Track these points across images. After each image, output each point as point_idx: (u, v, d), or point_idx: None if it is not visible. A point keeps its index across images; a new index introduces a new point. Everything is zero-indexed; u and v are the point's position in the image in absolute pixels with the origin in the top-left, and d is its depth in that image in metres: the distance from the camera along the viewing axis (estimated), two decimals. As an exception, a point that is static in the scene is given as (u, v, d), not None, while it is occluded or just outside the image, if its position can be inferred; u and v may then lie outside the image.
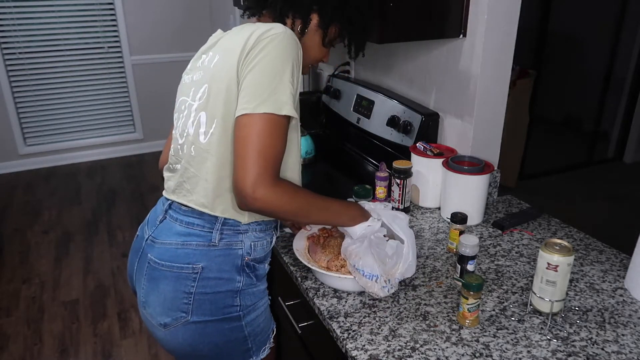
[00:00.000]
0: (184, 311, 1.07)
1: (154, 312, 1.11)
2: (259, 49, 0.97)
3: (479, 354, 0.94)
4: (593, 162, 4.40)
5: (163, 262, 1.08)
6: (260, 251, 1.13)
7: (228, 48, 1.03)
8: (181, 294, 1.06)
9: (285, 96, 0.96)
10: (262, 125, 0.94)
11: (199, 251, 1.06)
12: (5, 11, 3.85)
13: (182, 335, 1.09)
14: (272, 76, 0.96)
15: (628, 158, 4.41)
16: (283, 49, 0.97)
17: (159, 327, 1.10)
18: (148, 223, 1.17)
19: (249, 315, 1.12)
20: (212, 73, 1.04)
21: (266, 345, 1.20)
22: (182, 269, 1.06)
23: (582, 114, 4.40)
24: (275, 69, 0.96)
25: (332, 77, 2.14)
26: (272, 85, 0.95)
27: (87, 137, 4.44)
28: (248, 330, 1.13)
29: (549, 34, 3.82)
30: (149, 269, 1.10)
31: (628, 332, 1.00)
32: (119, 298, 2.65)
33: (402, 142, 1.65)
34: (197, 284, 1.06)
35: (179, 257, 1.06)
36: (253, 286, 1.13)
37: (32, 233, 3.29)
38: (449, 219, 1.30)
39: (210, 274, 1.06)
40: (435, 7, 1.41)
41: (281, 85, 0.96)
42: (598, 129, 4.42)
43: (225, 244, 1.07)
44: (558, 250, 1.01)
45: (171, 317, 1.08)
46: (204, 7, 4.38)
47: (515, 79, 3.45)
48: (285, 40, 0.98)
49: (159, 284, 1.09)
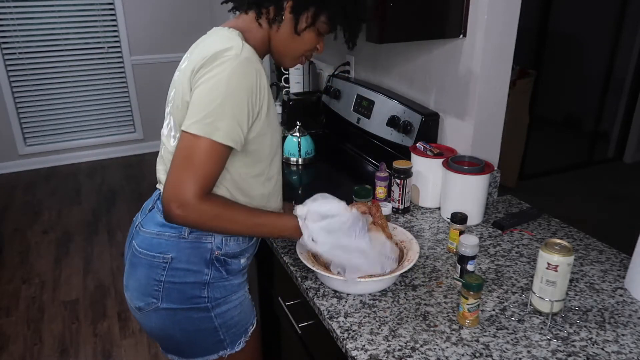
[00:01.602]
0: (154, 297, 1.12)
1: (131, 296, 1.17)
2: (209, 68, 0.96)
3: (479, 354, 0.94)
4: (593, 162, 4.40)
5: (141, 249, 1.13)
6: (234, 247, 1.15)
7: (191, 58, 1.03)
8: (152, 281, 1.12)
9: (224, 122, 0.95)
10: (195, 146, 0.95)
11: (170, 242, 1.10)
12: (5, 11, 3.85)
13: (154, 319, 1.15)
14: (211, 99, 0.95)
15: (628, 158, 4.41)
16: (229, 76, 0.95)
17: (135, 310, 1.17)
18: (142, 210, 1.22)
19: (218, 308, 1.15)
20: (178, 78, 1.06)
21: (241, 339, 1.22)
22: (155, 258, 1.11)
23: (582, 114, 4.40)
24: (216, 94, 0.95)
25: (332, 77, 2.14)
26: (209, 109, 0.94)
27: (87, 137, 4.44)
28: (219, 322, 1.16)
29: (549, 34, 3.82)
30: (131, 255, 1.17)
31: (628, 332, 1.00)
32: (119, 298, 2.65)
33: (402, 142, 1.65)
34: (167, 272, 1.10)
35: (153, 246, 1.11)
36: (224, 280, 1.15)
37: (32, 233, 3.29)
38: (449, 219, 1.30)
39: (179, 265, 1.10)
40: (435, 7, 1.41)
41: (220, 110, 0.94)
42: (598, 129, 4.42)
43: (194, 237, 1.10)
44: (558, 250, 1.01)
45: (144, 302, 1.14)
46: (204, 7, 4.38)
47: (515, 79, 3.45)
48: (235, 67, 0.95)
49: (136, 269, 1.14)
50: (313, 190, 1.13)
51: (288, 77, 2.38)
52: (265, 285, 1.60)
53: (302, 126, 1.89)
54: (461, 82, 1.51)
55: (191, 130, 0.95)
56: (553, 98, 4.00)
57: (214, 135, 0.94)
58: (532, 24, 3.78)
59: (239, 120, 0.97)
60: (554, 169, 4.14)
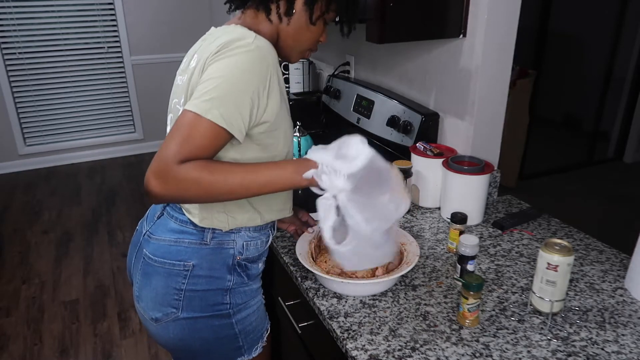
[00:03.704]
0: (174, 307, 1.08)
1: (146, 307, 1.12)
2: (220, 53, 0.92)
3: (479, 354, 0.94)
4: (593, 162, 4.40)
5: (156, 257, 1.09)
6: (254, 251, 1.13)
7: (203, 56, 0.98)
8: (172, 290, 1.07)
9: (223, 105, 0.89)
10: (185, 121, 0.88)
11: (191, 249, 1.07)
12: (5, 11, 3.85)
13: (172, 330, 1.10)
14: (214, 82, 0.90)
15: (628, 158, 4.41)
16: (237, 62, 0.91)
17: (150, 321, 1.12)
18: (147, 218, 1.18)
19: (239, 314, 1.13)
20: (185, 84, 1.03)
21: (258, 344, 1.20)
22: (174, 266, 1.07)
23: (582, 114, 4.40)
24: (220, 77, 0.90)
25: (332, 77, 2.14)
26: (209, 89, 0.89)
27: (87, 137, 4.44)
28: (239, 328, 1.14)
29: (549, 34, 3.82)
30: (143, 264, 1.12)
31: (628, 332, 1.00)
32: (119, 298, 2.65)
33: (402, 142, 1.65)
34: (188, 281, 1.07)
35: (172, 254, 1.07)
36: (244, 285, 1.13)
37: (32, 233, 3.29)
38: (449, 219, 1.30)
39: (200, 272, 1.07)
40: (435, 7, 1.41)
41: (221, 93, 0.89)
42: (598, 129, 4.42)
43: (216, 242, 1.08)
44: (558, 250, 1.01)
45: (162, 312, 1.09)
46: (204, 7, 4.38)
47: (515, 79, 3.45)
48: (246, 54, 0.92)
49: (151, 279, 1.10)
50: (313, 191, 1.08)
51: (288, 77, 2.38)
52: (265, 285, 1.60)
53: (302, 126, 1.89)
54: (461, 82, 1.51)
55: (188, 108, 0.89)
56: (553, 98, 3.99)
57: (209, 114, 0.88)
58: (532, 24, 3.78)
59: (239, 107, 0.91)
60: (554, 169, 4.14)
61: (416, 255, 1.14)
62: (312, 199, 0.96)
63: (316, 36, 1.09)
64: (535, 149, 3.86)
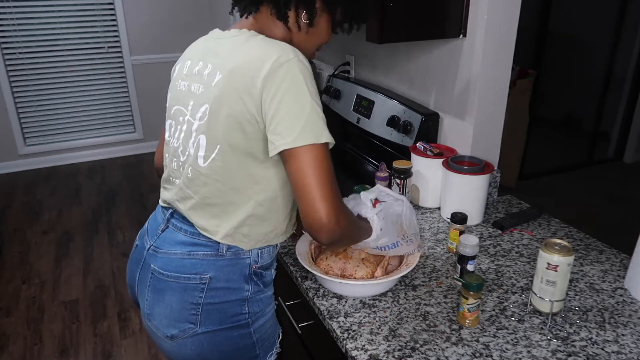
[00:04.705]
0: (192, 322, 1.04)
1: (159, 324, 1.07)
2: (279, 79, 0.92)
3: (479, 354, 0.94)
4: (593, 162, 4.39)
5: (168, 272, 1.05)
6: (267, 258, 1.11)
7: (234, 70, 0.96)
8: (189, 305, 1.03)
9: (319, 124, 0.93)
10: (309, 157, 0.91)
11: (207, 261, 1.03)
12: (5, 11, 3.85)
13: (190, 346, 1.06)
14: (301, 106, 0.92)
15: (628, 158, 4.41)
16: (302, 76, 0.93)
17: (165, 339, 1.07)
18: (148, 232, 1.14)
19: (257, 322, 1.10)
20: (214, 94, 0.98)
21: (273, 351, 1.17)
22: (190, 280, 1.03)
23: (582, 114, 4.39)
24: (302, 99, 0.93)
25: (332, 77, 2.14)
26: (304, 116, 0.92)
27: (87, 137, 4.44)
28: (256, 337, 1.11)
29: (549, 34, 3.82)
30: (153, 280, 1.07)
31: (628, 332, 1.00)
32: (119, 298, 2.65)
33: (402, 142, 1.65)
34: (205, 294, 1.03)
35: (186, 268, 1.04)
36: (261, 293, 1.10)
37: (32, 233, 3.29)
38: (449, 219, 1.30)
39: (218, 284, 1.04)
40: (435, 7, 1.41)
41: (313, 113, 0.92)
42: (598, 129, 4.42)
43: (232, 253, 1.05)
44: (558, 250, 1.01)
45: (178, 328, 1.05)
46: (204, 7, 4.38)
47: (515, 79, 3.45)
48: (300, 65, 0.94)
49: (164, 295, 1.06)
50: None
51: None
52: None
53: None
54: (461, 82, 1.51)
55: (299, 144, 0.90)
56: (553, 98, 3.99)
57: (322, 137, 0.92)
58: (532, 24, 3.78)
59: (323, 118, 0.95)
60: (554, 169, 4.14)
61: (416, 257, 1.14)
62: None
63: (325, 38, 1.10)
64: (535, 149, 3.86)
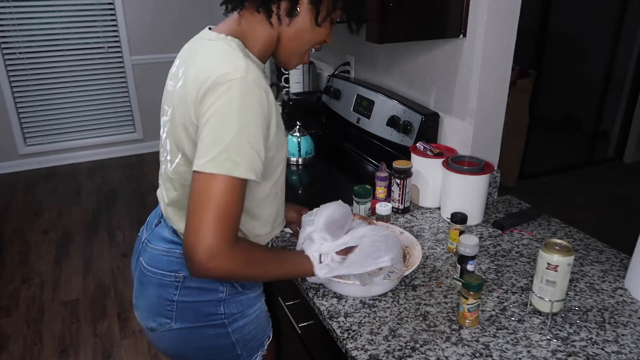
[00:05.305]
0: (168, 317, 1.07)
1: (141, 316, 1.13)
2: (215, 96, 0.86)
3: (479, 354, 0.94)
4: (593, 162, 4.39)
5: (150, 267, 1.08)
6: None
7: (192, 77, 0.92)
8: (164, 301, 1.07)
9: (240, 156, 0.85)
10: (214, 187, 0.84)
11: (182, 260, 1.03)
12: (5, 11, 3.85)
13: (168, 339, 1.10)
14: (225, 132, 0.85)
15: (628, 158, 4.41)
16: (240, 101, 0.85)
17: (147, 330, 1.13)
18: (147, 225, 1.17)
19: (235, 323, 1.10)
20: (174, 100, 0.97)
21: (258, 352, 1.18)
22: (165, 276, 1.06)
23: (582, 114, 4.39)
24: (228, 125, 0.85)
25: (332, 77, 2.14)
26: (224, 142, 0.84)
27: (87, 137, 4.44)
28: (236, 337, 1.11)
29: (549, 34, 3.82)
30: (139, 273, 1.12)
31: (628, 332, 1.00)
32: (119, 298, 2.65)
33: (402, 142, 1.65)
34: (180, 292, 1.05)
35: (164, 264, 1.06)
36: (239, 294, 1.10)
37: (32, 233, 3.29)
38: (449, 219, 1.30)
39: (192, 283, 1.05)
40: (435, 7, 1.41)
41: (236, 143, 0.85)
42: (598, 129, 4.42)
43: None
44: (558, 250, 1.01)
45: (156, 322, 1.09)
46: (203, 7, 4.38)
47: (515, 79, 3.45)
48: (244, 89, 0.86)
49: (146, 288, 1.10)
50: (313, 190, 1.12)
51: (288, 77, 2.38)
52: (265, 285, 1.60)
53: (302, 126, 1.89)
54: (461, 82, 1.51)
55: (207, 170, 0.84)
56: (553, 98, 3.99)
57: (235, 171, 0.85)
58: (532, 24, 3.78)
59: (256, 148, 0.88)
60: (554, 169, 4.14)
61: (417, 259, 1.14)
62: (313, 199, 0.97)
63: (320, 38, 1.03)
64: (535, 149, 3.86)
